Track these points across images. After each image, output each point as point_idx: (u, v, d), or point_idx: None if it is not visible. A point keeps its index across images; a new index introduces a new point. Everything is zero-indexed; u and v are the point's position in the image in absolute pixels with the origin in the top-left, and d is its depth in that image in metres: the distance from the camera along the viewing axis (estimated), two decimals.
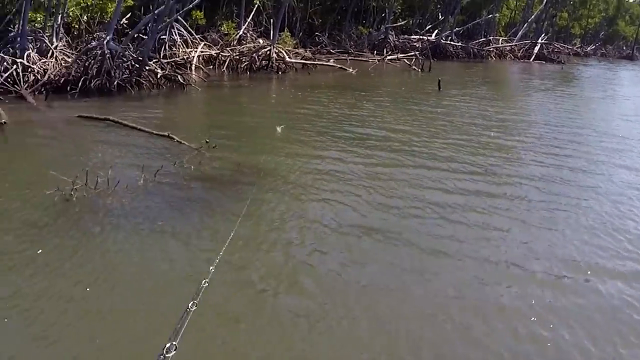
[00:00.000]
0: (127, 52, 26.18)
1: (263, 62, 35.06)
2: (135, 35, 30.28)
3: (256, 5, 40.91)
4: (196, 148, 15.48)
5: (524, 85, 41.27)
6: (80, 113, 19.73)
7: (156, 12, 28.51)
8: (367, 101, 26.43)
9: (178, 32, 34.26)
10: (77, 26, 35.40)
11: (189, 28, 35.35)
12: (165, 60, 29.70)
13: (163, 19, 29.06)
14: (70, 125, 18.57)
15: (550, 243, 10.70)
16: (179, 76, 27.27)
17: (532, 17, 67.54)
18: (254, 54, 35.06)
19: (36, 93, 23.57)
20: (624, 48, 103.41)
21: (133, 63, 26.16)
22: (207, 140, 15.84)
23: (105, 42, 25.30)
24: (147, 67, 26.43)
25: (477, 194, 13.24)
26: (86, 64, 25.12)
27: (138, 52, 26.91)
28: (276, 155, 15.92)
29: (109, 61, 25.10)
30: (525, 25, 65.94)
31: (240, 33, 38.86)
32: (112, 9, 32.69)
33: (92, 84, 24.30)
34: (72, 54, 27.31)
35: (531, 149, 18.39)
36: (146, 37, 32.57)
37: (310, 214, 11.51)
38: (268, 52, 35.04)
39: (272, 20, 38.29)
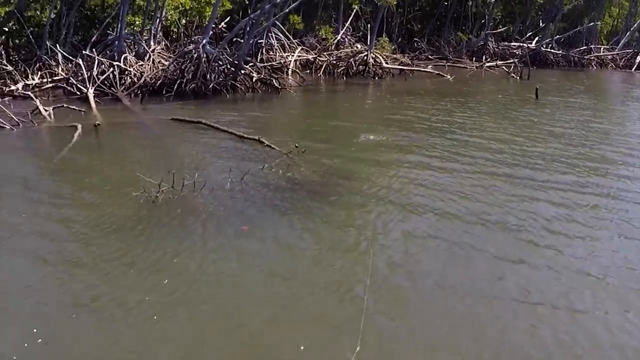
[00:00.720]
0: (223, 56, 26.18)
1: (360, 67, 34.54)
2: (233, 39, 30.37)
3: (354, 10, 40.42)
4: (285, 152, 15.07)
5: (624, 95, 39.53)
6: (174, 116, 19.79)
7: (252, 16, 28.46)
8: (463, 108, 25.52)
9: (275, 37, 34.13)
10: (175, 30, 35.89)
11: (286, 32, 35.16)
12: (262, 65, 29.59)
13: (259, 23, 28.97)
14: (163, 128, 18.57)
15: None
16: (274, 80, 27.06)
17: (635, 25, 64.84)
18: (351, 59, 34.62)
19: (132, 95, 23.87)
20: None
21: (229, 67, 26.16)
22: (297, 145, 15.40)
23: (201, 45, 25.39)
24: (242, 71, 26.37)
25: (573, 206, 12.31)
26: (182, 67, 25.29)
27: (234, 55, 26.87)
28: (367, 161, 15.36)
29: (205, 65, 25.18)
30: (628, 33, 63.29)
31: (338, 38, 38.45)
32: (209, 13, 32.88)
33: (188, 87, 24.42)
34: (170, 57, 27.53)
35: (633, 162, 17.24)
36: (242, 41, 32.78)
37: (408, 224, 10.96)
38: (365, 57, 34.51)
39: (369, 25, 37.75)
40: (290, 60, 32.72)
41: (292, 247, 9.81)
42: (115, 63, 24.88)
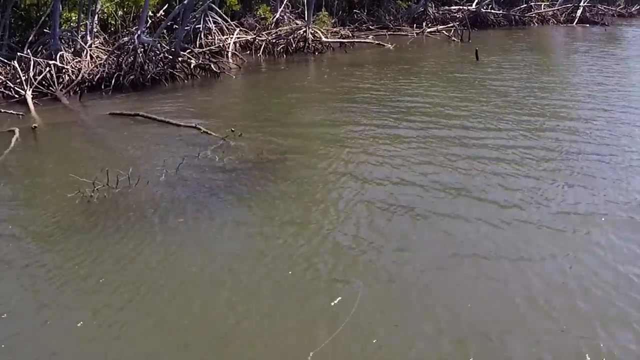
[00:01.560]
0: (159, 45, 26.07)
1: (300, 44, 34.57)
2: (171, 27, 30.30)
3: None
4: (222, 137, 15.21)
5: (565, 49, 40.22)
6: (112, 110, 19.69)
7: (186, 2, 28.34)
8: (404, 75, 25.88)
9: (213, 20, 34.01)
10: (113, 22, 35.54)
11: (224, 15, 35.05)
12: (200, 50, 29.52)
13: (192, 9, 28.85)
14: (101, 124, 18.46)
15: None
16: (212, 65, 27.02)
17: None
18: (290, 37, 34.59)
19: (71, 93, 23.60)
20: None
21: (166, 55, 26.05)
22: (233, 129, 15.54)
23: (136, 36, 25.23)
24: (180, 58, 26.25)
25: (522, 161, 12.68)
26: (119, 60, 25.12)
27: (171, 43, 26.79)
28: (309, 137, 15.70)
29: (142, 55, 25.03)
30: None
31: (277, 16, 38.40)
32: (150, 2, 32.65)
33: (126, 80, 24.26)
34: (108, 51, 27.32)
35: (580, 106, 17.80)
36: (187, 28, 32.65)
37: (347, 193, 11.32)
38: (304, 34, 34.55)
39: (306, 1, 37.72)
40: (229, 43, 32.62)
41: (223, 233, 9.89)
42: (51, 62, 24.62)
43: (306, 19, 35.57)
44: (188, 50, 27.53)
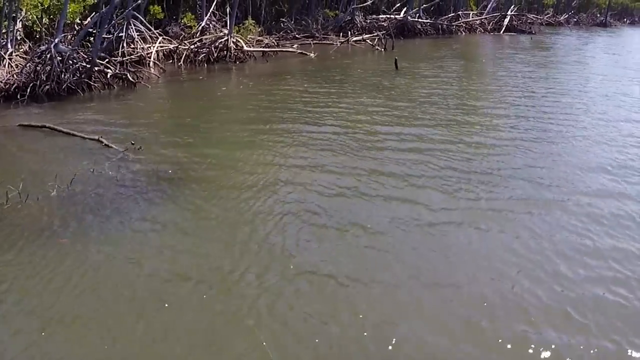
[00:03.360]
0: (76, 54, 26.13)
1: (222, 53, 34.80)
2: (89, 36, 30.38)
3: None
4: (122, 151, 15.54)
5: (486, 56, 41.71)
6: (22, 122, 19.72)
7: (102, 11, 28.46)
8: (320, 84, 26.59)
9: (136, 29, 34.08)
10: (38, 30, 35.31)
11: (147, 24, 35.15)
12: (120, 59, 29.69)
13: (110, 18, 28.98)
14: (7, 136, 18.44)
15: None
16: (128, 75, 27.10)
17: None
18: (211, 45, 34.86)
19: None
20: (598, 15, 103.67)
21: (83, 64, 26.11)
22: (133, 142, 15.90)
23: (52, 45, 25.21)
24: (96, 68, 26.33)
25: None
26: (37, 69, 25.11)
27: (88, 52, 26.90)
28: (205, 150, 15.98)
29: (58, 64, 25.03)
30: None
31: (203, 24, 38.52)
32: (71, 10, 32.54)
33: (41, 90, 24.22)
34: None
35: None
36: (109, 37, 32.66)
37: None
38: (225, 42, 34.87)
39: (227, 9, 38.03)
40: (151, 52, 32.82)
41: (99, 254, 10.04)
42: None
43: (228, 27, 35.78)
44: (106, 60, 27.58)
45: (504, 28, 61.47)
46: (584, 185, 13.26)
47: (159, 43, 34.25)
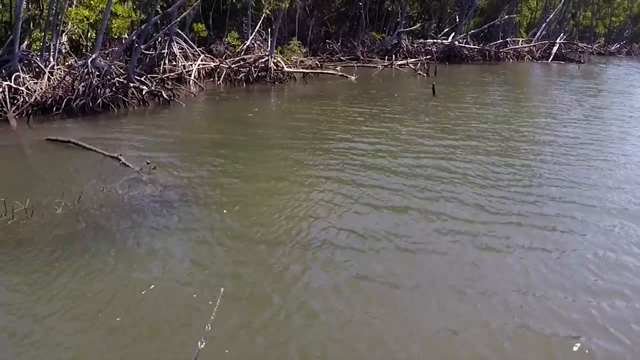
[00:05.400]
0: (113, 70, 26.44)
1: (262, 72, 34.90)
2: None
3: (263, 15, 40.41)
4: (137, 170, 15.57)
5: (529, 83, 41.35)
6: (50, 136, 19.91)
7: (141, 28, 28.78)
8: (348, 108, 26.53)
9: (178, 46, 34.44)
10: (84, 43, 35.86)
11: (189, 41, 35.45)
12: (159, 76, 29.97)
13: (147, 34, 29.27)
14: (34, 150, 18.59)
15: None
16: (163, 92, 27.26)
17: (550, 16, 66.76)
18: (252, 65, 34.98)
19: (23, 115, 23.85)
20: None
21: (120, 80, 26.39)
22: (148, 162, 15.89)
23: (89, 60, 25.55)
24: (132, 84, 26.58)
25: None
26: (74, 83, 25.44)
27: (125, 69, 27.18)
28: (221, 174, 15.84)
29: (95, 80, 25.30)
30: (544, 25, 65.15)
31: (248, 43, 38.72)
32: (116, 25, 32.97)
33: (76, 104, 24.52)
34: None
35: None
36: (151, 53, 33.08)
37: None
38: (266, 62, 34.97)
39: (269, 30, 38.19)
40: (192, 70, 33.08)
41: (93, 279, 9.87)
42: (4, 83, 24.89)
43: (269, 47, 35.87)
44: (143, 77, 27.82)
45: (552, 56, 60.70)
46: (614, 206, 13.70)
47: (201, 61, 34.48)
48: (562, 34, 67.18)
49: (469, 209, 13.40)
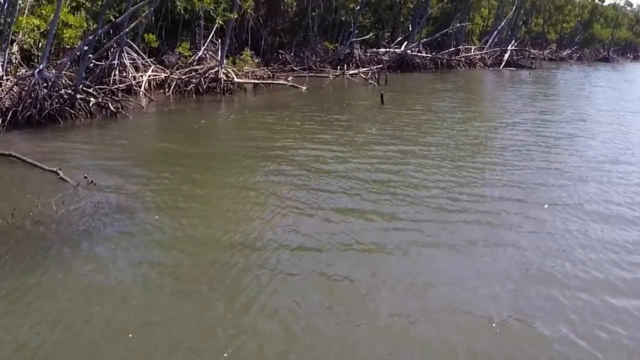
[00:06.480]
0: (60, 81, 26.28)
1: (212, 83, 34.95)
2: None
3: (216, 25, 40.26)
4: (75, 185, 15.66)
5: (478, 90, 42.26)
6: None
7: (87, 39, 28.75)
8: (295, 119, 26.80)
9: (129, 57, 34.45)
10: (36, 54, 35.66)
11: (140, 52, 35.49)
12: (108, 87, 29.98)
13: (93, 46, 29.22)
14: None
15: None
16: (110, 104, 27.11)
17: (502, 24, 68.02)
18: (202, 76, 35.06)
19: None
20: (601, 50, 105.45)
21: (68, 92, 26.28)
22: (86, 176, 16.01)
23: (36, 71, 25.30)
24: (79, 96, 26.42)
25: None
26: (21, 95, 25.26)
27: (74, 80, 27.05)
28: (158, 189, 15.84)
29: (42, 91, 25.04)
30: (496, 32, 66.42)
31: (200, 54, 38.88)
32: (68, 35, 32.88)
33: (22, 116, 24.33)
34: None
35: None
36: (102, 64, 33.00)
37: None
38: (216, 73, 35.09)
39: (219, 40, 38.39)
40: (142, 81, 33.13)
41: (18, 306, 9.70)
42: None
43: (219, 58, 35.99)
44: (91, 88, 27.73)
45: (504, 63, 61.97)
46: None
47: (151, 72, 34.54)
48: (513, 41, 68.49)
49: (416, 209, 14.26)
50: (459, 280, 10.61)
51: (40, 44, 34.23)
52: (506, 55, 63.00)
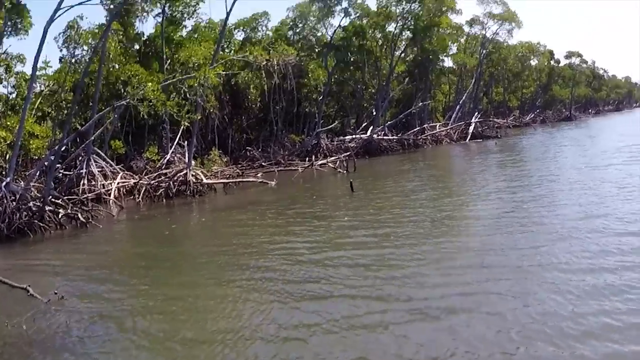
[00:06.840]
0: (28, 194, 26.05)
1: (182, 186, 34.64)
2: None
3: (182, 128, 39.65)
4: (46, 301, 15.41)
5: (445, 167, 43.08)
6: None
7: (53, 149, 28.67)
8: (265, 217, 26.68)
9: (97, 164, 34.31)
10: (3, 165, 35.47)
11: (107, 159, 35.42)
12: (77, 197, 29.77)
13: (59, 157, 29.14)
14: None
15: None
16: (79, 214, 26.83)
17: (464, 97, 69.62)
18: (171, 179, 34.90)
19: None
20: (563, 110, 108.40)
21: (37, 204, 25.99)
22: (56, 292, 15.77)
23: (3, 184, 25.05)
24: (48, 208, 26.15)
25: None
26: None
27: (41, 192, 26.81)
28: (131, 302, 15.51)
29: (9, 205, 24.75)
30: (458, 107, 67.93)
31: (168, 157, 38.67)
32: (35, 145, 32.82)
33: None
34: None
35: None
36: (70, 173, 32.84)
37: None
38: (185, 176, 34.95)
39: (185, 143, 38.48)
40: (111, 189, 32.97)
41: None
42: None
43: (187, 160, 35.93)
44: (60, 199, 27.51)
45: (469, 136, 63.11)
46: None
47: (120, 178, 34.43)
48: (477, 113, 69.88)
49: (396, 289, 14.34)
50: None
51: (7, 156, 34.19)
52: (471, 128, 64.29)
